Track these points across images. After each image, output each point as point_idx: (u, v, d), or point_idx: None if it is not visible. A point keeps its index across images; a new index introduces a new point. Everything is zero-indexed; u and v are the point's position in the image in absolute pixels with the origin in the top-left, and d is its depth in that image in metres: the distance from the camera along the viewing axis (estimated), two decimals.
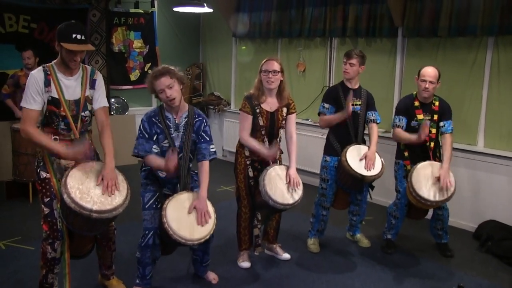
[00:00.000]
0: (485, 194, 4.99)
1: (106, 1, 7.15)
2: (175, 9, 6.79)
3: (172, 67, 3.33)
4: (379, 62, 5.87)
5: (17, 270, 3.87)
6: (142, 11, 7.57)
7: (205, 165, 3.44)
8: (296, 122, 4.16)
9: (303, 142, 6.38)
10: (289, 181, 3.77)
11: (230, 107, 8.01)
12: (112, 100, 7.53)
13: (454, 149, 4.85)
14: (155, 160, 3.32)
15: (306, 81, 6.80)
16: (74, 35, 2.96)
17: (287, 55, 6.98)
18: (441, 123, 4.24)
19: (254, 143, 3.83)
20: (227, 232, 4.52)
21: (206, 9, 6.56)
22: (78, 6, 6.92)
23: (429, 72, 4.15)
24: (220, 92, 8.26)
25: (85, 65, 3.25)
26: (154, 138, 3.36)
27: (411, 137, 4.16)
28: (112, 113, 7.45)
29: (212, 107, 8.16)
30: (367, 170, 4.10)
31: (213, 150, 3.50)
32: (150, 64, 7.73)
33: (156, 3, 7.67)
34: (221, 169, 6.46)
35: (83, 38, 3.00)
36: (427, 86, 4.13)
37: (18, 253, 4.19)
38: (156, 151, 3.36)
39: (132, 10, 7.49)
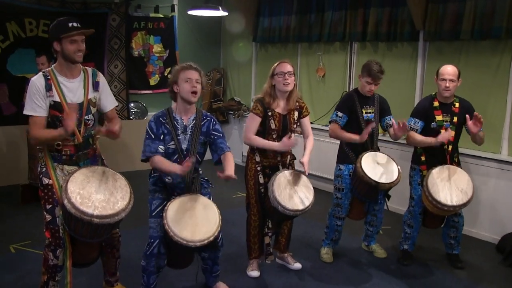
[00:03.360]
0: (509, 205, 4.76)
1: (126, 6, 7.17)
2: (190, 12, 6.72)
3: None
4: (400, 67, 5.70)
5: (25, 274, 3.85)
6: (162, 16, 7.55)
7: (228, 155, 3.39)
8: (315, 128, 4.09)
9: (322, 148, 6.22)
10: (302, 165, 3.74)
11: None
12: (131, 104, 7.53)
13: (475, 157, 4.73)
14: (164, 163, 3.20)
15: (326, 86, 6.66)
16: (70, 24, 2.97)
17: (306, 60, 6.87)
18: None
19: (262, 141, 3.78)
20: (240, 240, 4.40)
21: (221, 13, 6.49)
22: (97, 10, 6.96)
23: (449, 70, 3.99)
24: (240, 97, 8.18)
25: (86, 67, 3.20)
26: (161, 138, 3.27)
27: (427, 139, 3.99)
28: (131, 117, 7.45)
29: (232, 112, 8.10)
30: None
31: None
32: (170, 68, 7.69)
33: (176, 7, 7.65)
34: (238, 175, 6.27)
35: (79, 25, 2.99)
36: (447, 85, 3.96)
37: (27, 257, 4.18)
38: (161, 151, 3.25)
39: (152, 15, 7.48)
